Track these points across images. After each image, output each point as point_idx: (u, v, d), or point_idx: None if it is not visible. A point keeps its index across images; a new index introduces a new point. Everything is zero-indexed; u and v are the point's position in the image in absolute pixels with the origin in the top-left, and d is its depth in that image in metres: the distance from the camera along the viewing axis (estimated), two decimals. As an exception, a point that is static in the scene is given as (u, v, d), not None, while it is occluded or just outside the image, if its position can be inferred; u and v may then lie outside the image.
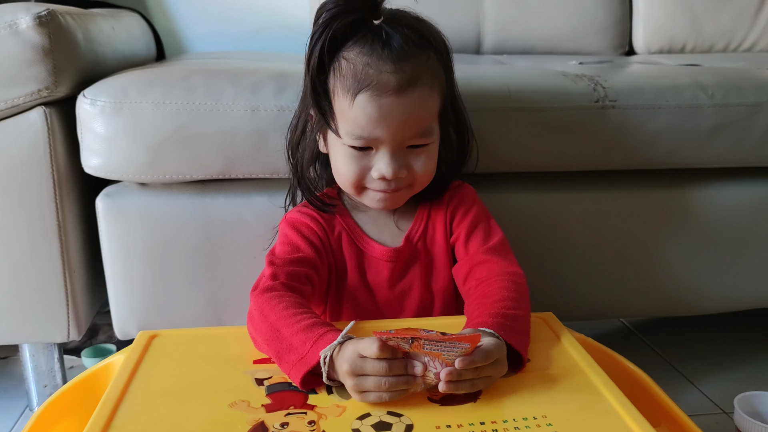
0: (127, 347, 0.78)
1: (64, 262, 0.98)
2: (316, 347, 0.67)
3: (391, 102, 0.75)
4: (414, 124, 0.77)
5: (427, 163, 0.81)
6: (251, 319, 0.76)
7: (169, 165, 0.94)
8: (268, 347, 0.72)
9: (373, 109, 0.75)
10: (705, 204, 1.09)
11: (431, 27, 0.81)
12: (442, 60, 0.80)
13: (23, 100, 0.92)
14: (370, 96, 0.75)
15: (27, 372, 1.09)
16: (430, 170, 0.82)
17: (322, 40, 0.76)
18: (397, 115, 0.76)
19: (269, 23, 1.81)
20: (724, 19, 1.77)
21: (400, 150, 0.79)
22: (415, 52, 0.76)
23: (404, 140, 0.78)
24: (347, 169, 0.80)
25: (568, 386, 0.69)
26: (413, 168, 0.80)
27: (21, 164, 0.94)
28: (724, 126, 1.04)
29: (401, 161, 0.79)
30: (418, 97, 0.76)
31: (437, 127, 0.82)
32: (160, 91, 0.93)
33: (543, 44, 1.72)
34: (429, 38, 0.79)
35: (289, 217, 0.88)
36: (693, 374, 1.26)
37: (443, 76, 0.81)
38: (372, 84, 0.75)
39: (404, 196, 0.84)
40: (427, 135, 0.80)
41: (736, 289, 1.14)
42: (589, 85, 1.03)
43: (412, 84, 0.75)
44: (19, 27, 0.89)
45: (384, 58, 0.75)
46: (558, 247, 1.07)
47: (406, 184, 0.82)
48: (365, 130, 0.76)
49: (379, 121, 0.76)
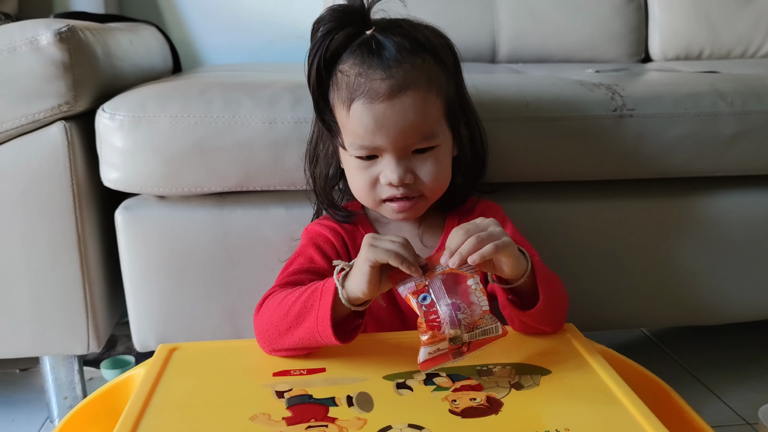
0: (148, 360, 0.78)
1: (84, 275, 0.99)
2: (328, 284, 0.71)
3: (384, 108, 0.76)
4: (412, 128, 0.77)
5: (436, 168, 0.80)
6: (264, 322, 0.76)
7: (187, 178, 0.95)
8: (284, 329, 0.73)
9: (368, 117, 0.76)
10: (726, 212, 1.08)
11: (430, 31, 0.81)
12: (442, 64, 0.80)
13: (44, 115, 0.93)
14: (363, 104, 0.76)
15: (47, 384, 1.10)
16: (439, 176, 0.81)
17: (318, 56, 0.78)
18: (394, 121, 0.76)
19: (283, 34, 1.82)
20: (742, 25, 1.75)
21: (405, 155, 0.79)
22: (408, 57, 0.76)
23: (407, 145, 0.78)
24: (358, 180, 0.81)
25: (590, 398, 0.68)
26: (420, 174, 0.80)
27: (41, 178, 0.95)
28: (744, 134, 1.03)
29: (407, 166, 0.79)
30: (412, 101, 0.76)
31: (445, 131, 0.81)
32: (178, 105, 0.93)
33: (558, 53, 1.71)
34: (424, 43, 0.78)
35: (310, 228, 0.88)
36: (716, 385, 1.24)
37: (444, 79, 0.80)
38: (364, 92, 0.75)
39: (420, 207, 0.84)
40: (430, 138, 0.79)
41: (758, 297, 1.13)
42: (606, 94, 1.02)
43: (404, 88, 0.75)
44: (40, 43, 0.90)
45: (374, 66, 0.76)
46: (577, 257, 1.06)
47: (418, 192, 0.81)
48: (365, 139, 0.77)
49: (376, 129, 0.76)
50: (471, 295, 0.67)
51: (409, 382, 0.70)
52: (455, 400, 0.67)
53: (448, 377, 0.71)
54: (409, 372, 0.72)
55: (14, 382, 1.29)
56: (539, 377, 0.72)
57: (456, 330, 0.66)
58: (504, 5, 1.69)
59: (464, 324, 0.66)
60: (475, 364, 0.74)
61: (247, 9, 1.83)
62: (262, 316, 0.77)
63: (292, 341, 0.74)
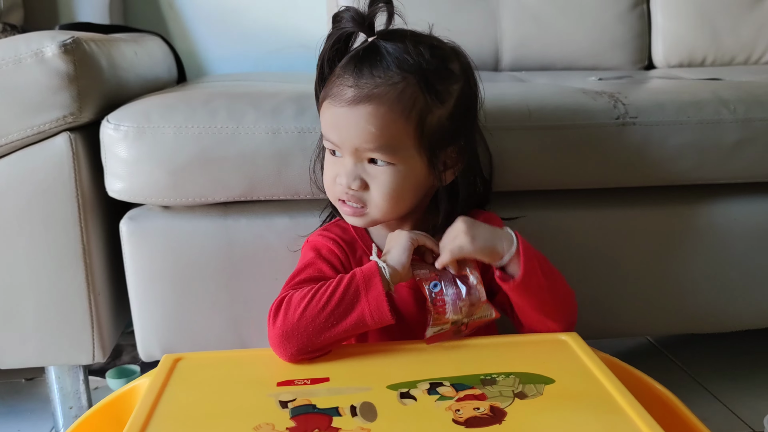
0: (152, 370, 0.78)
1: (89, 285, 0.99)
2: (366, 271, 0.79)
3: (342, 113, 0.78)
4: (364, 137, 0.78)
5: (388, 186, 0.80)
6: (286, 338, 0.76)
7: (191, 188, 0.95)
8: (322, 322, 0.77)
9: (329, 115, 0.80)
10: (729, 219, 1.08)
11: (436, 54, 0.80)
12: (428, 88, 0.79)
13: (49, 126, 0.93)
14: (329, 104, 0.80)
15: (53, 394, 1.10)
16: (389, 195, 0.80)
17: (322, 54, 0.82)
18: (346, 126, 0.79)
19: (288, 43, 1.83)
20: (745, 32, 1.75)
21: (359, 161, 0.80)
22: (385, 73, 0.77)
23: (360, 151, 0.79)
24: (326, 173, 0.84)
25: (594, 408, 0.68)
26: (371, 185, 0.80)
27: (46, 189, 0.95)
28: (747, 141, 1.03)
29: (356, 172, 0.80)
30: (369, 114, 0.77)
31: (411, 155, 0.80)
32: (183, 116, 0.94)
33: (562, 60, 1.71)
34: (414, 64, 0.78)
35: (312, 240, 0.89)
36: (721, 392, 1.24)
37: (422, 104, 0.79)
38: (332, 94, 0.79)
39: (365, 217, 0.83)
40: (386, 152, 0.79)
41: (763, 305, 1.12)
42: (609, 102, 1.02)
43: (365, 101, 0.77)
44: (45, 55, 0.91)
45: (349, 72, 0.79)
46: (580, 265, 1.06)
47: (362, 203, 0.81)
48: (326, 132, 0.81)
49: (332, 128, 0.80)
50: (472, 288, 0.80)
51: (412, 391, 0.70)
52: (459, 410, 0.67)
53: (452, 387, 0.71)
54: (413, 381, 0.72)
55: (20, 391, 1.29)
56: (543, 386, 0.72)
57: (458, 315, 0.79)
58: (507, 13, 1.70)
59: (464, 310, 0.80)
60: (479, 374, 0.74)
61: (252, 19, 1.84)
62: (287, 319, 0.77)
63: (331, 334, 0.76)
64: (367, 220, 0.84)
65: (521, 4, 1.70)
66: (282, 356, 0.78)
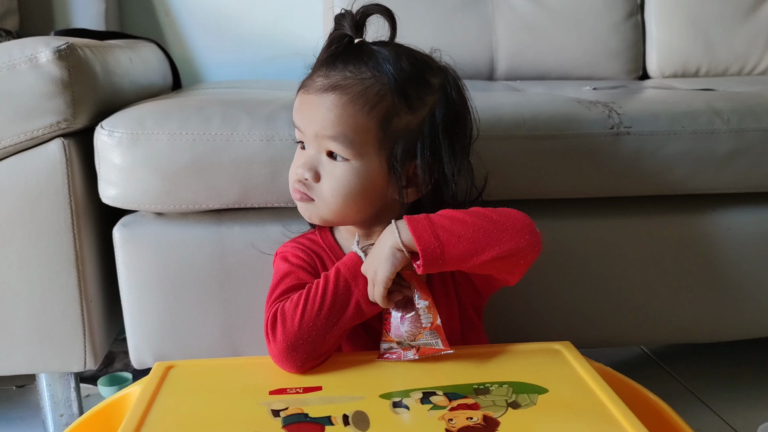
0: (144, 378, 0.78)
1: (81, 292, 0.99)
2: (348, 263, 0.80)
3: (309, 99, 0.80)
4: (324, 123, 0.78)
5: (338, 181, 0.79)
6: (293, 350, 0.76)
7: (185, 195, 0.95)
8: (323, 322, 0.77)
9: (297, 102, 0.83)
10: (723, 229, 1.08)
11: (411, 62, 0.80)
12: (400, 93, 0.78)
13: (42, 132, 0.93)
14: (301, 93, 0.82)
15: (43, 401, 1.09)
16: (338, 191, 0.79)
17: (320, 55, 0.83)
18: (309, 109, 0.80)
19: (284, 51, 1.83)
20: (738, 43, 1.76)
21: (316, 153, 0.81)
22: (355, 69, 0.79)
23: (318, 138, 0.79)
24: (292, 164, 0.85)
25: (588, 418, 0.68)
26: (323, 177, 0.80)
27: (39, 194, 0.95)
28: (741, 151, 1.03)
29: (312, 164, 0.81)
30: (331, 102, 0.78)
31: (369, 154, 0.79)
32: (177, 122, 0.94)
33: (556, 70, 1.72)
34: (390, 69, 0.78)
35: (280, 252, 0.89)
36: (715, 402, 1.24)
37: (389, 105, 0.78)
38: (306, 84, 0.82)
39: (312, 210, 0.82)
40: (341, 142, 0.78)
41: (756, 315, 1.13)
42: (603, 111, 1.02)
43: (331, 90, 0.79)
44: (39, 60, 0.90)
45: (324, 64, 0.81)
46: (574, 274, 1.06)
47: (310, 194, 0.81)
48: (294, 118, 0.83)
49: (297, 112, 0.82)
50: (421, 315, 0.79)
51: (405, 400, 0.70)
52: (452, 419, 0.67)
53: (445, 396, 0.71)
54: (406, 390, 0.72)
55: (10, 398, 1.28)
56: (536, 396, 0.71)
57: (400, 337, 0.79)
58: (502, 23, 1.70)
59: (407, 334, 0.79)
60: (472, 383, 0.74)
61: (247, 26, 1.84)
62: (286, 330, 0.76)
63: (336, 332, 0.78)
64: (313, 212, 0.83)
65: (516, 14, 1.71)
66: (290, 369, 0.77)
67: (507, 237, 0.76)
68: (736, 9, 1.75)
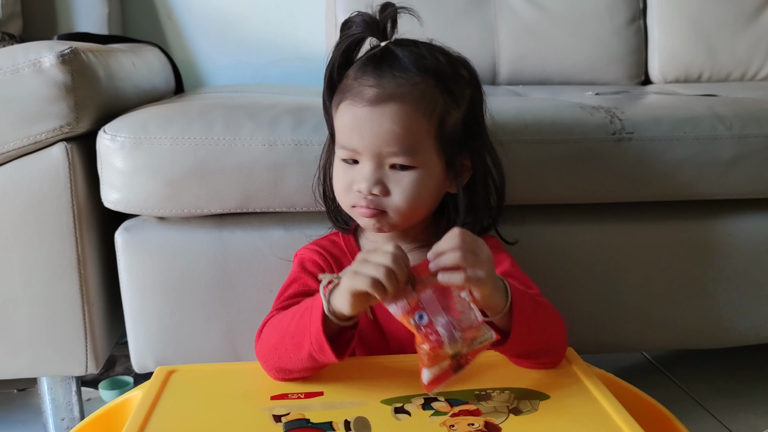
0: (145, 383, 0.78)
1: (83, 296, 0.99)
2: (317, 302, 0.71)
3: (364, 112, 0.76)
4: (388, 138, 0.76)
5: (409, 191, 0.79)
6: (265, 346, 0.76)
7: (187, 199, 0.95)
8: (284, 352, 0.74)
9: (348, 117, 0.78)
10: (725, 236, 1.08)
11: (448, 59, 0.81)
12: (446, 90, 0.79)
13: (45, 136, 0.93)
14: (347, 105, 0.78)
15: (45, 405, 1.09)
16: (411, 199, 0.79)
17: (332, 61, 0.80)
18: (370, 126, 0.76)
19: (286, 55, 1.83)
20: (741, 48, 1.76)
21: (380, 167, 0.78)
22: (405, 73, 0.77)
23: (382, 155, 0.78)
24: (338, 182, 0.82)
25: (589, 424, 0.68)
26: (392, 190, 0.79)
27: (42, 199, 0.95)
28: (744, 157, 1.03)
29: (378, 177, 0.78)
30: (394, 113, 0.76)
31: (431, 158, 0.79)
32: (179, 127, 0.94)
33: (559, 75, 1.72)
34: (430, 66, 0.78)
35: (299, 254, 0.89)
36: (717, 409, 1.24)
37: (441, 106, 0.79)
38: (352, 94, 0.77)
39: (387, 222, 0.81)
40: (407, 154, 0.77)
41: (758, 321, 1.12)
42: (605, 117, 1.02)
43: (389, 100, 0.76)
44: (42, 65, 0.91)
45: (369, 72, 0.78)
46: (576, 279, 1.06)
47: (382, 207, 0.79)
48: (345, 137, 0.79)
49: (353, 130, 0.77)
50: (464, 308, 0.67)
51: (407, 406, 0.70)
52: (453, 425, 0.66)
53: (447, 402, 0.71)
54: (408, 396, 0.72)
55: (12, 402, 1.28)
56: (538, 402, 0.71)
57: (456, 346, 0.66)
58: (504, 27, 1.71)
59: (462, 339, 0.66)
60: (474, 389, 0.73)
61: (250, 30, 1.84)
62: (262, 342, 0.77)
63: (293, 363, 0.74)
64: (384, 223, 0.81)
65: (518, 19, 1.71)
66: (270, 376, 0.77)
67: (556, 352, 0.79)
68: (738, 14, 1.76)
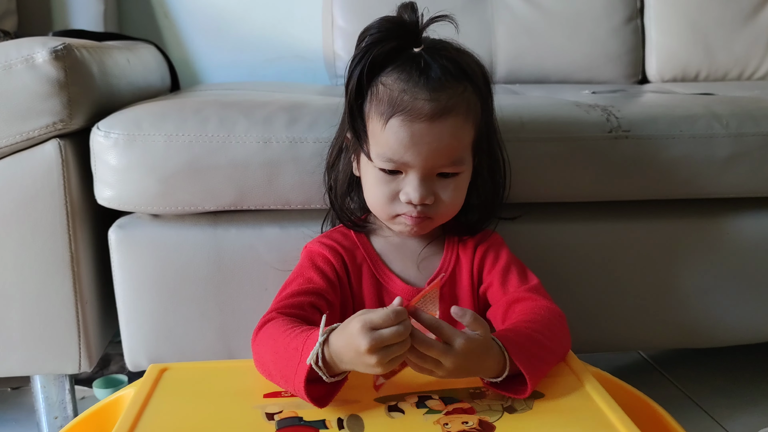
0: (138, 381, 0.77)
1: (77, 294, 0.98)
2: (305, 352, 0.67)
3: (423, 128, 0.76)
4: (445, 152, 0.78)
5: (455, 194, 0.81)
6: (259, 361, 0.76)
7: (181, 196, 0.94)
8: (277, 376, 0.72)
9: (405, 133, 0.76)
10: (721, 234, 1.08)
11: (471, 59, 0.82)
12: (480, 93, 0.80)
13: (38, 132, 0.92)
14: (403, 121, 0.76)
15: (38, 403, 1.08)
16: (456, 201, 0.82)
17: (361, 65, 0.77)
18: (429, 142, 0.76)
19: (283, 53, 1.82)
20: (738, 47, 1.76)
21: (429, 176, 0.79)
22: (452, 83, 0.77)
23: (434, 167, 0.78)
24: (377, 192, 0.81)
25: (584, 423, 0.67)
26: (440, 197, 0.80)
27: (35, 196, 0.95)
28: (740, 156, 1.03)
29: (429, 188, 0.79)
30: (450, 127, 0.77)
31: (469, 159, 0.82)
32: (173, 124, 0.93)
33: (556, 73, 1.72)
34: (467, 70, 0.79)
35: (309, 247, 0.88)
36: (714, 409, 1.23)
37: (479, 109, 0.81)
38: (406, 109, 0.76)
39: (428, 226, 0.84)
40: (457, 164, 0.80)
41: (755, 320, 1.12)
42: (602, 115, 1.02)
43: (446, 113, 0.76)
44: (35, 61, 0.90)
45: (420, 85, 0.76)
46: (572, 278, 1.06)
47: (432, 213, 0.81)
48: (396, 153, 0.77)
49: (410, 146, 0.76)
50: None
51: (401, 404, 0.70)
52: (447, 424, 0.66)
53: (441, 400, 0.71)
54: (401, 394, 0.72)
55: (5, 400, 1.28)
56: (533, 401, 0.71)
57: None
58: (502, 26, 1.70)
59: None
60: (468, 387, 0.73)
61: (247, 28, 1.83)
62: (258, 346, 0.76)
63: (283, 387, 0.73)
64: (426, 226, 0.84)
65: (516, 18, 1.71)
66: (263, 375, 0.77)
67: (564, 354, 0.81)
68: (735, 13, 1.75)
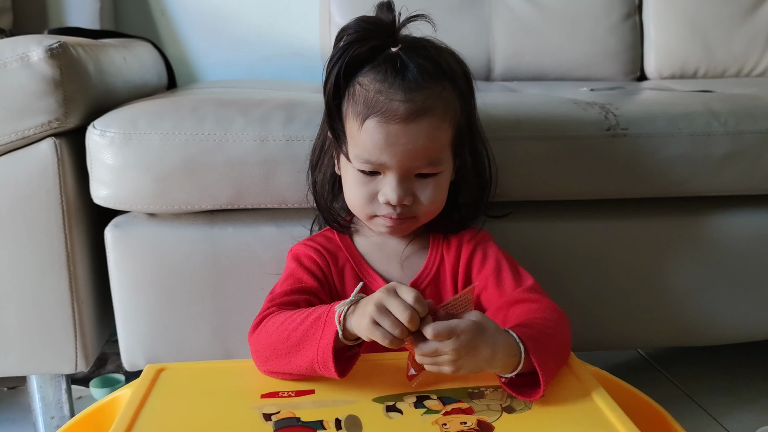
0: (135, 381, 0.77)
1: (73, 293, 0.98)
2: (330, 318, 0.69)
3: (398, 130, 0.75)
4: (421, 153, 0.77)
5: (435, 194, 0.81)
6: (263, 347, 0.75)
7: (177, 195, 0.94)
8: (284, 353, 0.72)
9: (379, 135, 0.76)
10: (719, 232, 1.07)
11: (452, 57, 0.81)
12: (459, 92, 0.80)
13: (34, 131, 0.92)
14: (378, 122, 0.75)
15: (34, 403, 1.08)
16: (437, 201, 0.82)
17: (338, 65, 0.76)
18: (405, 143, 0.76)
19: (280, 51, 1.82)
20: (737, 44, 1.76)
21: (407, 177, 0.79)
22: (429, 83, 0.76)
23: (411, 168, 0.78)
24: (356, 192, 0.81)
25: (583, 423, 0.67)
26: (419, 197, 0.80)
27: (31, 195, 0.94)
28: (738, 154, 1.03)
29: (407, 188, 0.79)
30: (426, 128, 0.76)
31: (449, 158, 0.81)
32: (170, 123, 0.93)
33: (554, 71, 1.71)
34: (446, 69, 0.78)
35: (294, 250, 0.88)
36: (712, 406, 1.23)
37: (458, 109, 0.80)
38: (381, 110, 0.75)
39: (410, 227, 0.84)
40: (435, 164, 0.79)
41: (751, 318, 1.12)
42: (600, 113, 1.02)
43: (422, 114, 0.75)
44: (30, 59, 0.89)
45: (396, 86, 0.75)
46: (570, 276, 1.06)
47: (412, 214, 0.81)
48: (372, 154, 0.77)
49: (386, 148, 0.76)
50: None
51: (399, 405, 0.69)
52: (446, 424, 0.66)
53: (439, 400, 0.70)
54: (399, 394, 0.71)
55: (1, 400, 1.27)
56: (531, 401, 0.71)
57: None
58: (499, 23, 1.70)
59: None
60: (467, 387, 0.73)
61: (244, 26, 1.83)
62: (260, 336, 0.76)
63: (289, 366, 0.73)
64: (409, 226, 0.84)
65: (514, 15, 1.70)
66: (259, 369, 0.77)
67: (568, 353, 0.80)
68: (734, 10, 1.75)
